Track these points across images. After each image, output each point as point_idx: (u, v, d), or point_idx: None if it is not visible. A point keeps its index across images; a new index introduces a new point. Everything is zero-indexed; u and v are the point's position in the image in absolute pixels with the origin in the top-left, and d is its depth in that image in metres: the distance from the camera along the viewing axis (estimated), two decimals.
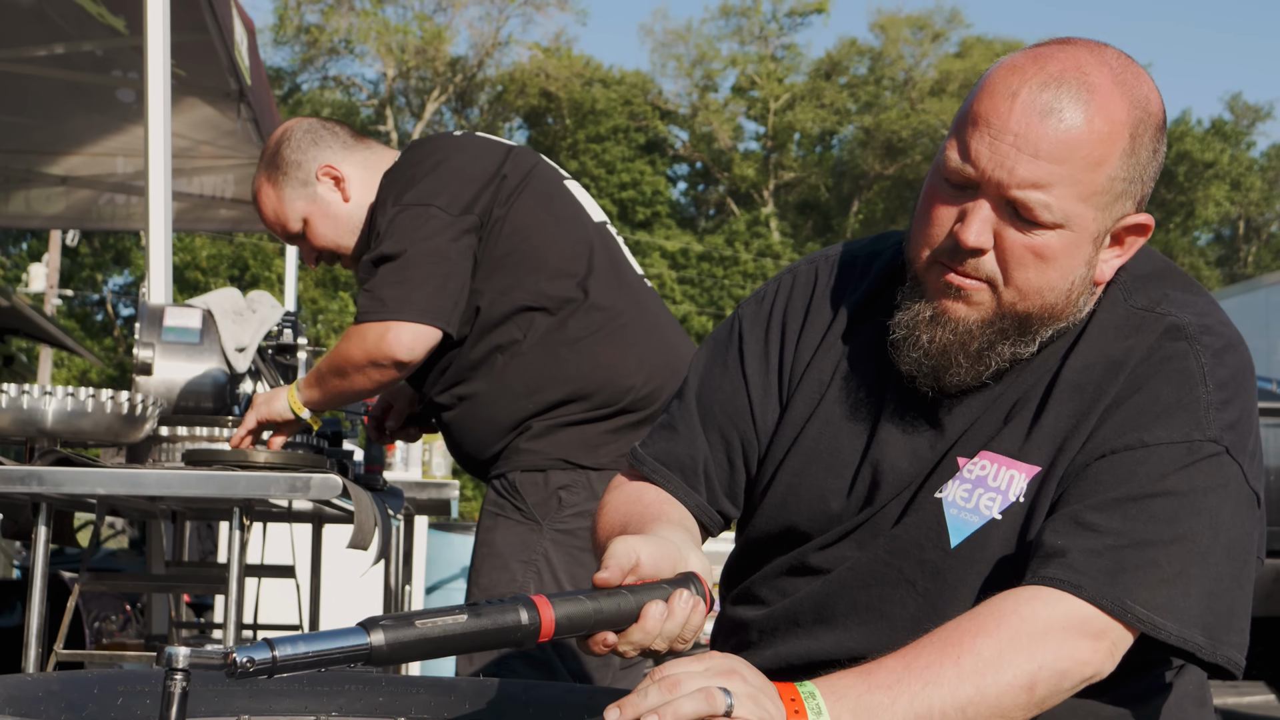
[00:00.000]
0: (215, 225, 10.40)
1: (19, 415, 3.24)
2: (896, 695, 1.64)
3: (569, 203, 3.36)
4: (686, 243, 44.51)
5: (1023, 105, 1.79)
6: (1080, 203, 1.80)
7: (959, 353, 1.86)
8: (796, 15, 48.06)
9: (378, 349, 3.14)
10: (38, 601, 3.27)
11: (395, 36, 45.16)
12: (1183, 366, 1.83)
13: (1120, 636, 1.74)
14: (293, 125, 3.50)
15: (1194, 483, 1.77)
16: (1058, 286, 1.84)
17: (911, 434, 1.94)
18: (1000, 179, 1.79)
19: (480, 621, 1.50)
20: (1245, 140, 48.51)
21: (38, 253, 36.12)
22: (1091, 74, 1.81)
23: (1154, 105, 1.85)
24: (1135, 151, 1.82)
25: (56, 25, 7.00)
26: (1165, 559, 1.74)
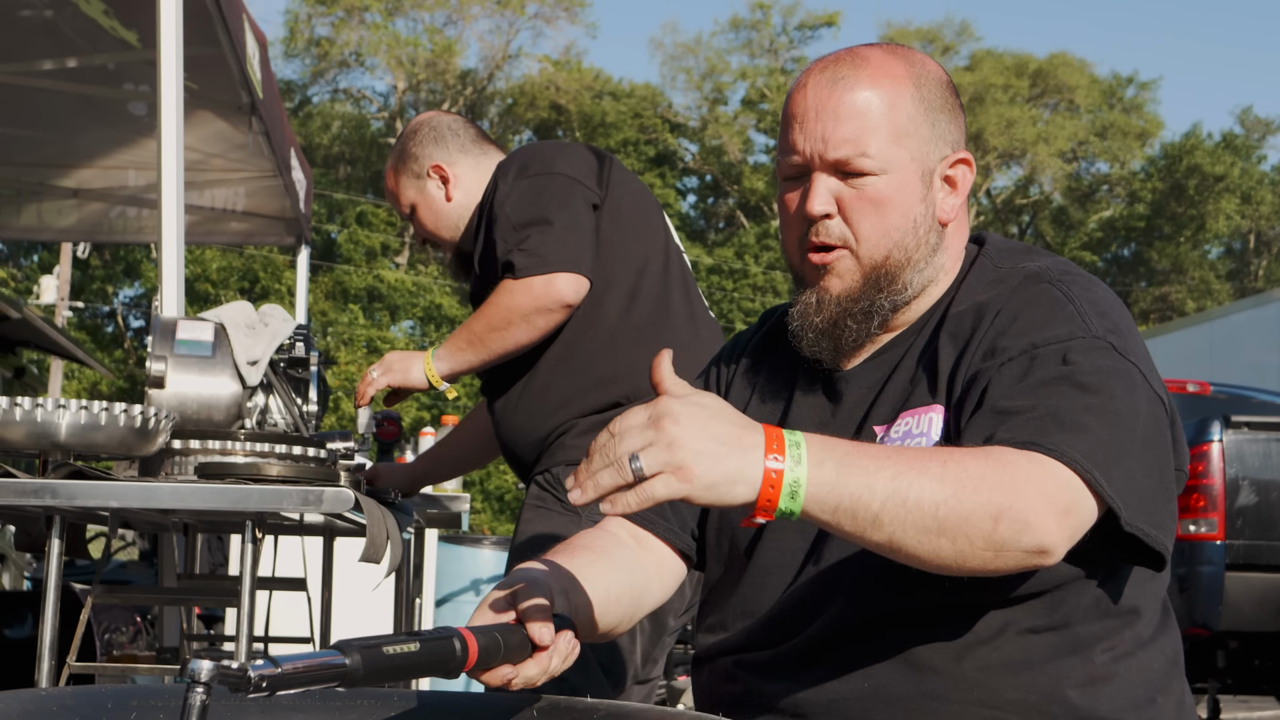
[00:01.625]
0: (226, 238, 10.44)
1: (32, 428, 3.24)
2: (880, 465, 1.69)
3: (656, 211, 3.58)
4: (696, 256, 44.53)
5: (813, 88, 2.04)
6: (891, 145, 2.01)
7: (846, 318, 2.04)
8: (807, 28, 48.14)
9: (547, 295, 3.31)
10: (51, 614, 3.27)
11: (405, 49, 45.26)
12: (1051, 295, 1.95)
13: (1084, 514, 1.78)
14: (426, 119, 3.81)
15: (1095, 365, 1.85)
16: (902, 225, 2.02)
17: (815, 413, 2.08)
18: (819, 150, 2.01)
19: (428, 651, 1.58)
20: (1256, 154, 48.47)
21: (49, 265, 36.17)
22: (863, 51, 2.07)
23: (931, 67, 2.09)
24: (925, 98, 2.04)
25: (69, 39, 7.03)
26: (1092, 421, 1.79)
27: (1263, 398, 11.53)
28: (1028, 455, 1.76)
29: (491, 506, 33.97)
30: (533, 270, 3.31)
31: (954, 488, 1.70)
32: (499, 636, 1.68)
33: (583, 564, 2.00)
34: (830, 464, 1.67)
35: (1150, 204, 47.60)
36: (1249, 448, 8.74)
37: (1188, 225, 46.83)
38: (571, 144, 3.54)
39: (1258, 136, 48.81)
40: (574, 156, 3.46)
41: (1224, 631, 8.78)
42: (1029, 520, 1.72)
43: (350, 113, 46.38)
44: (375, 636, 1.52)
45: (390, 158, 3.84)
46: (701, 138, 47.93)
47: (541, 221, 3.33)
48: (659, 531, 2.16)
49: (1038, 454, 1.76)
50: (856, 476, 1.68)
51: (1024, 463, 1.75)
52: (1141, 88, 49.53)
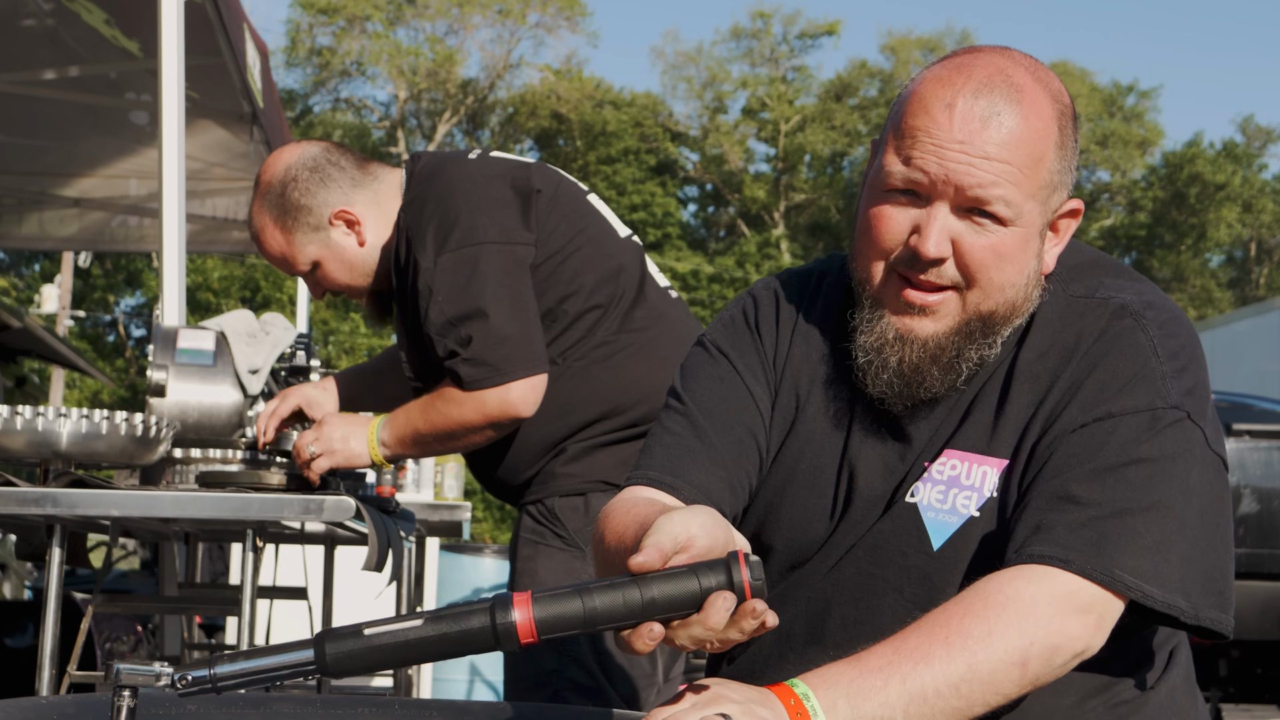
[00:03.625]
0: (228, 247, 10.42)
1: (34, 437, 3.24)
2: (888, 677, 1.65)
3: (597, 220, 3.31)
4: (697, 264, 44.51)
5: (962, 114, 1.85)
6: (1029, 199, 1.87)
7: (931, 366, 1.91)
8: (807, 37, 48.13)
9: (501, 412, 3.10)
10: (51, 623, 3.27)
11: (407, 59, 45.27)
12: (1133, 341, 1.88)
13: (1108, 608, 1.76)
14: (294, 161, 3.32)
15: (1163, 449, 1.81)
16: (1017, 282, 1.89)
17: (882, 448, 1.97)
18: (957, 183, 1.84)
19: (440, 627, 1.44)
20: (1257, 162, 48.44)
21: (50, 274, 36.20)
22: (1014, 76, 1.89)
23: (1066, 98, 1.95)
24: (1064, 144, 1.91)
25: (71, 48, 7.03)
26: (1144, 526, 1.77)
27: (1264, 406, 11.50)
28: (1026, 574, 1.74)
29: (493, 515, 33.95)
30: (482, 383, 3.08)
31: (965, 658, 1.67)
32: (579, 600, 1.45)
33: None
34: (843, 704, 1.64)
35: (1151, 212, 47.59)
36: (1250, 456, 8.73)
37: (1189, 234, 46.81)
38: (486, 184, 3.18)
39: (1259, 145, 48.79)
40: (494, 207, 3.14)
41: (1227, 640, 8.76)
42: (1056, 644, 1.72)
43: (351, 122, 46.38)
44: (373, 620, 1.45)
45: (264, 214, 3.34)
46: (702, 146, 47.93)
47: (477, 314, 3.07)
48: None
49: (1051, 569, 1.74)
50: (870, 702, 1.64)
51: (1023, 586, 1.73)
52: (1142, 96, 49.55)
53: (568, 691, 3.01)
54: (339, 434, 3.30)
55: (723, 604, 1.46)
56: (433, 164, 3.27)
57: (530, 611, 1.44)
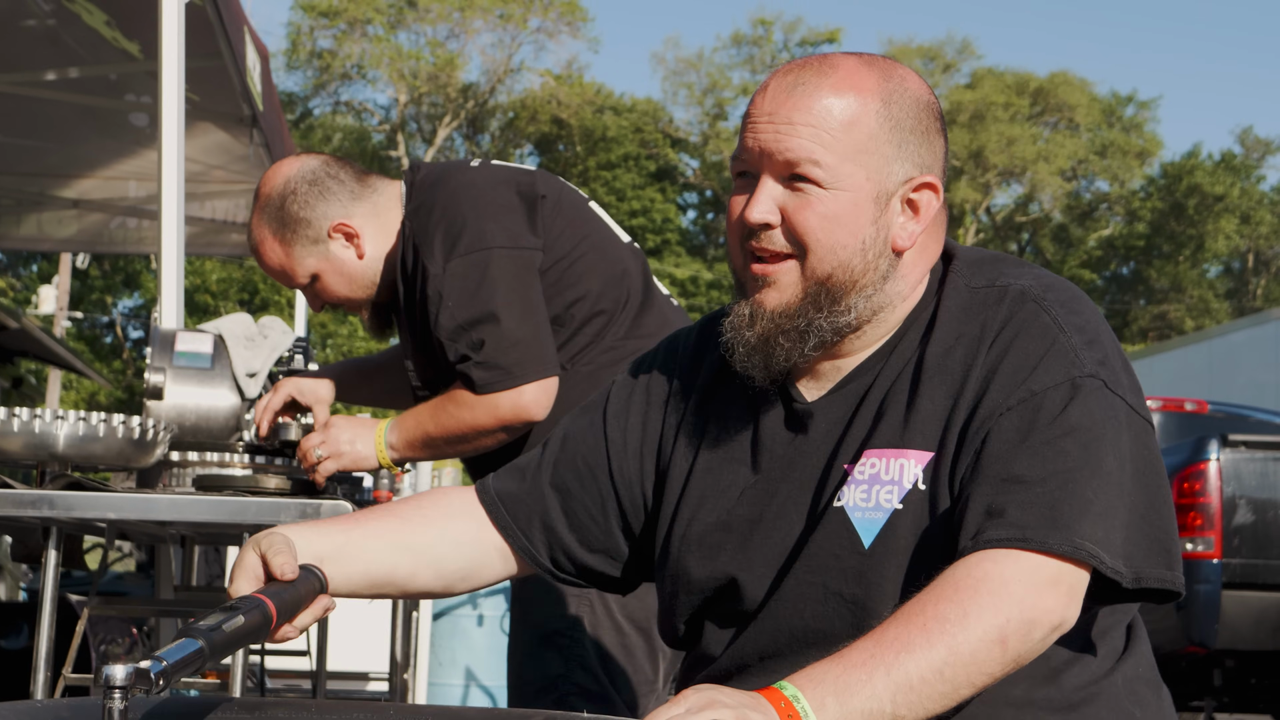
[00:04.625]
0: (226, 250, 10.43)
1: (30, 439, 3.24)
2: (873, 670, 1.67)
3: (600, 225, 3.32)
4: (696, 270, 44.54)
5: (773, 90, 1.96)
6: (846, 161, 1.92)
7: (778, 335, 1.96)
8: (808, 44, 48.16)
9: (514, 415, 3.10)
10: (47, 625, 3.27)
11: (408, 62, 45.31)
12: (1039, 322, 1.91)
13: (1075, 579, 1.78)
14: (293, 174, 3.31)
15: (1091, 415, 1.84)
16: (849, 245, 1.93)
17: (782, 448, 2.02)
18: (768, 151, 1.93)
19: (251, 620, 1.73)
20: (1255, 174, 48.51)
21: (48, 275, 36.20)
22: (835, 59, 1.98)
23: (912, 85, 1.98)
24: (893, 115, 1.94)
25: (71, 49, 7.04)
26: (1092, 492, 1.80)
27: (1260, 417, 11.53)
28: (991, 557, 1.76)
29: None
30: (495, 386, 3.09)
31: (945, 642, 1.69)
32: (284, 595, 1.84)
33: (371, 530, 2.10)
34: (831, 701, 1.65)
35: (1149, 223, 47.66)
36: (1246, 466, 8.74)
37: (1187, 244, 46.87)
38: (491, 190, 3.19)
39: (1257, 156, 48.87)
40: (501, 213, 3.15)
41: (1221, 650, 8.77)
42: (1032, 618, 1.74)
43: (352, 125, 46.43)
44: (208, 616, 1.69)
45: (263, 227, 3.32)
46: (702, 153, 47.99)
47: (489, 318, 3.08)
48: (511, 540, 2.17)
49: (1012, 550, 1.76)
50: (858, 696, 1.66)
51: (990, 568, 1.75)
52: (1141, 107, 49.62)
53: (573, 696, 3.02)
54: (346, 436, 3.29)
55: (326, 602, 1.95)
56: (434, 173, 3.27)
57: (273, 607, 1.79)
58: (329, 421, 3.35)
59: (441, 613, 7.29)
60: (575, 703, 3.01)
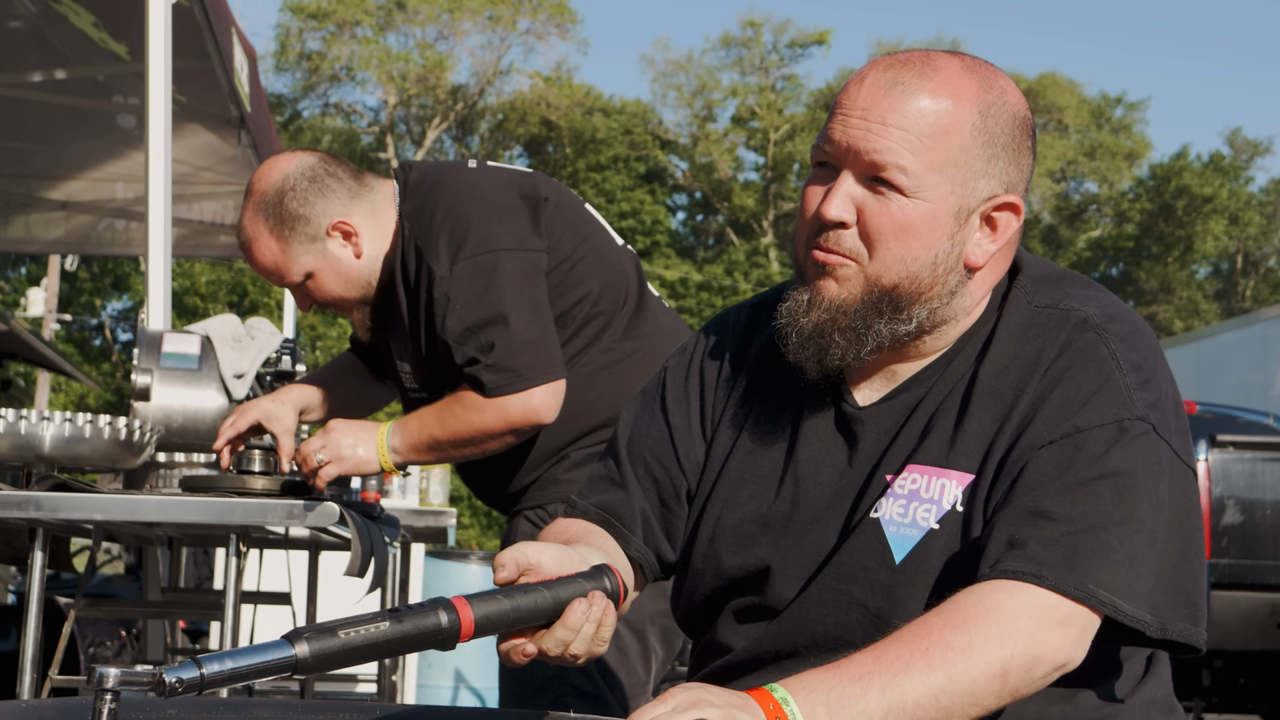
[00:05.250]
0: (215, 251, 10.42)
1: (16, 440, 3.24)
2: (868, 686, 1.66)
3: (598, 228, 3.31)
4: (686, 272, 44.55)
5: (869, 84, 1.89)
6: (933, 172, 1.87)
7: (834, 331, 1.91)
8: (797, 46, 48.20)
9: (524, 418, 3.08)
10: (33, 627, 3.26)
11: (397, 64, 45.28)
12: (1096, 355, 1.88)
13: (1086, 621, 1.76)
14: (292, 171, 3.25)
15: (1132, 461, 1.81)
16: (920, 257, 1.89)
17: (830, 450, 1.98)
18: (855, 148, 1.87)
19: (402, 627, 1.56)
20: (1244, 175, 48.58)
21: (36, 277, 36.12)
22: (938, 60, 1.92)
23: (1011, 98, 1.93)
24: (988, 129, 1.89)
25: (58, 50, 7.03)
26: (1118, 540, 1.77)
27: (1249, 417, 11.54)
28: (1005, 588, 1.74)
29: (480, 522, 33.93)
30: (505, 389, 3.06)
31: (946, 670, 1.68)
32: (505, 599, 1.64)
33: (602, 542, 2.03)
34: (822, 711, 1.64)
35: (1138, 224, 47.72)
36: (1235, 467, 8.76)
37: (1176, 246, 46.93)
38: (494, 192, 3.16)
39: (1246, 158, 48.94)
40: (506, 215, 3.13)
41: (1209, 651, 8.78)
42: (1036, 655, 1.72)
43: (341, 127, 46.36)
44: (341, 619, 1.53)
45: (259, 223, 3.26)
46: (691, 155, 47.97)
47: (498, 320, 3.06)
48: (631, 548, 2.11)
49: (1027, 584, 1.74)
50: (849, 710, 1.65)
51: (1004, 599, 1.73)
52: (1130, 108, 49.71)
53: (569, 697, 3.02)
54: (347, 440, 3.24)
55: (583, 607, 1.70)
56: (431, 174, 3.25)
57: (470, 612, 1.60)
58: (329, 425, 3.31)
59: None
60: (571, 703, 3.01)
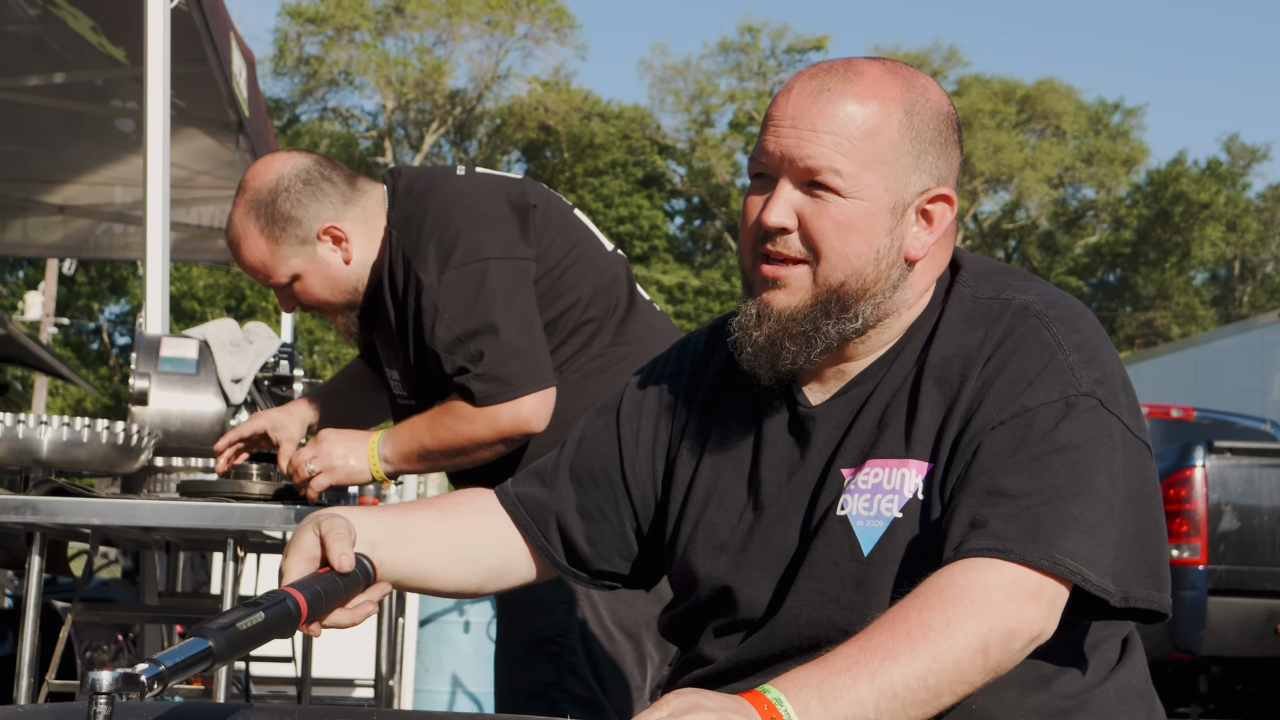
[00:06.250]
0: (213, 256, 10.42)
1: (14, 444, 3.23)
2: (857, 675, 1.69)
3: (588, 234, 3.31)
4: (683, 277, 44.56)
5: (797, 93, 1.96)
6: (866, 171, 1.93)
7: (784, 338, 1.97)
8: (795, 52, 48.19)
9: (514, 427, 3.08)
10: (30, 631, 3.26)
11: (395, 69, 45.28)
12: (1038, 339, 1.93)
13: (1056, 592, 1.79)
14: (287, 172, 3.24)
15: (1083, 434, 1.85)
16: (863, 254, 1.95)
17: (785, 452, 2.03)
18: (789, 156, 1.94)
19: (272, 615, 1.70)
20: (1241, 181, 48.60)
21: (34, 281, 36.11)
22: (860, 65, 1.99)
23: (934, 95, 2.00)
24: (914, 126, 1.96)
25: (57, 54, 7.03)
26: (1078, 510, 1.81)
27: (1246, 423, 11.56)
28: (974, 566, 1.77)
29: None
30: (495, 398, 3.06)
31: (930, 650, 1.71)
32: (319, 587, 1.79)
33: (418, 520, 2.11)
34: (815, 705, 1.67)
35: (1136, 230, 47.74)
36: (1232, 473, 8.76)
37: (1173, 252, 46.95)
38: (482, 200, 3.16)
39: (1243, 164, 48.96)
40: (494, 223, 3.13)
41: (1206, 656, 8.80)
42: (1012, 628, 1.75)
43: (339, 131, 46.36)
44: (224, 614, 1.65)
45: (249, 221, 3.24)
46: (689, 160, 47.98)
47: (488, 330, 3.06)
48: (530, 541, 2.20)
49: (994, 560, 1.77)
50: (842, 701, 1.67)
51: (974, 576, 1.76)
52: (1128, 114, 49.71)
53: (565, 703, 3.02)
54: (339, 450, 3.23)
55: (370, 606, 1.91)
56: (421, 181, 3.24)
57: (304, 600, 1.76)
58: (320, 435, 3.30)
59: (428, 619, 7.28)
60: (567, 709, 3.01)
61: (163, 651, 1.54)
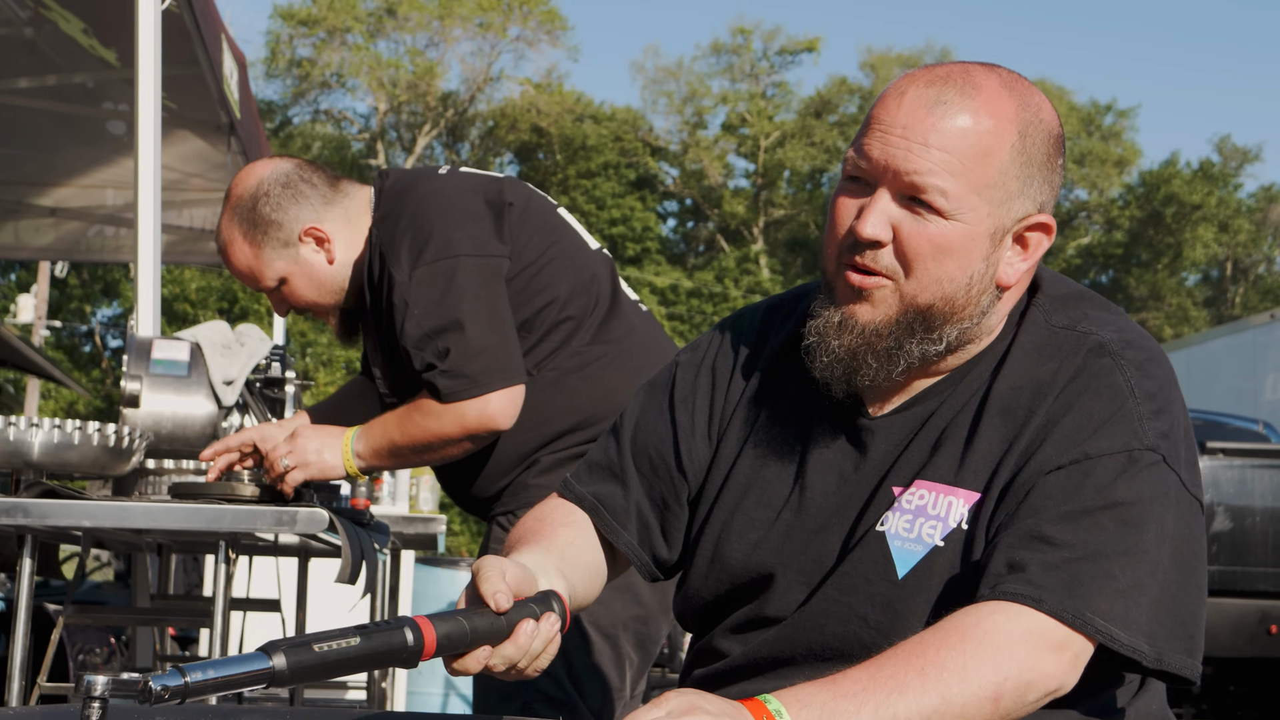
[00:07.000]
0: (205, 258, 10.40)
1: (5, 447, 3.23)
2: (861, 704, 1.66)
3: (569, 232, 3.31)
4: (676, 279, 44.55)
5: (911, 100, 1.87)
6: (973, 194, 1.86)
7: (867, 354, 1.91)
8: (787, 54, 48.24)
9: (480, 424, 3.09)
10: (22, 634, 3.25)
11: (387, 71, 45.26)
12: (1110, 382, 1.87)
13: (1081, 648, 1.76)
14: (267, 177, 3.30)
15: (1139, 492, 1.81)
16: (956, 279, 1.88)
17: (838, 459, 1.98)
18: (895, 168, 1.85)
19: (372, 644, 1.59)
20: (1233, 182, 48.65)
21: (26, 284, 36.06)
22: (978, 76, 1.90)
23: (1046, 115, 1.92)
24: (1026, 150, 1.88)
25: (48, 57, 7.02)
26: (1119, 570, 1.77)
27: (1239, 424, 11.56)
28: (1003, 610, 1.74)
29: (470, 529, 33.89)
30: (460, 395, 3.07)
31: (940, 691, 1.68)
32: (464, 621, 1.68)
33: (567, 541, 2.03)
34: None
35: (1128, 231, 47.78)
36: (1225, 474, 8.77)
37: (1165, 253, 46.99)
38: (458, 198, 3.18)
39: (1235, 165, 49.00)
40: (468, 221, 3.15)
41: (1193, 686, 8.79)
42: (1029, 680, 1.72)
43: (331, 134, 46.32)
44: (314, 634, 1.57)
45: (234, 228, 3.31)
46: (682, 161, 47.98)
47: (454, 326, 3.07)
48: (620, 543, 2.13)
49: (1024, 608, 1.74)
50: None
51: (1001, 622, 1.73)
52: (1120, 115, 49.75)
53: (537, 703, 3.01)
54: (313, 446, 3.28)
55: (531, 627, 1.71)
56: (403, 180, 3.27)
57: (433, 632, 1.64)
58: (295, 431, 3.33)
59: None
60: (539, 709, 3.01)
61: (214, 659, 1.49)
